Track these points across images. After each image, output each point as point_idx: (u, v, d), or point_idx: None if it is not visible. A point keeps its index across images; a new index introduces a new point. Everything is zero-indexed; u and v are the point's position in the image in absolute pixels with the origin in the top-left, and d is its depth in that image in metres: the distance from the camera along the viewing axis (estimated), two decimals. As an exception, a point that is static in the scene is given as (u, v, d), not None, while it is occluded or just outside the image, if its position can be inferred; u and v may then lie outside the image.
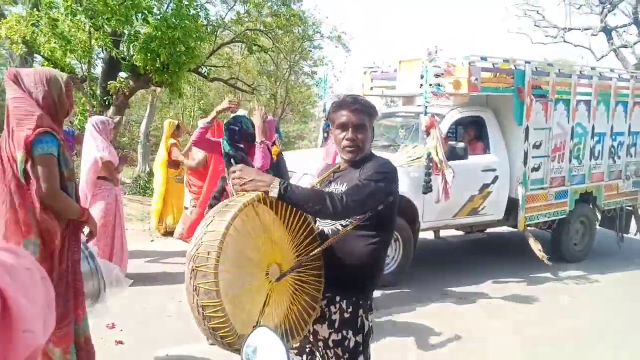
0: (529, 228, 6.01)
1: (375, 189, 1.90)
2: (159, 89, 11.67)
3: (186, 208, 5.95)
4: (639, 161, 7.17)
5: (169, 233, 6.67)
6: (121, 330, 3.92)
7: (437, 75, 5.18)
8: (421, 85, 5.30)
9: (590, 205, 6.75)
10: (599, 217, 7.05)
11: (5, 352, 0.82)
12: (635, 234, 7.22)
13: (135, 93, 10.68)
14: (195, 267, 1.60)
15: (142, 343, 3.75)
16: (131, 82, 9.18)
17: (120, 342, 3.72)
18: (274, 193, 1.76)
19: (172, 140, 6.63)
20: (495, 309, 4.88)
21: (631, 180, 7.06)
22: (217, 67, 13.71)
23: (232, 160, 3.67)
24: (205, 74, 11.95)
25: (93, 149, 4.60)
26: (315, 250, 1.93)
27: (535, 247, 5.75)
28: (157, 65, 8.47)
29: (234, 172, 1.83)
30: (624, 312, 4.90)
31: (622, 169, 6.94)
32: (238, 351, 1.65)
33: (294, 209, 1.88)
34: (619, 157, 6.90)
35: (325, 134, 6.24)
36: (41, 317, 0.90)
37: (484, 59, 5.63)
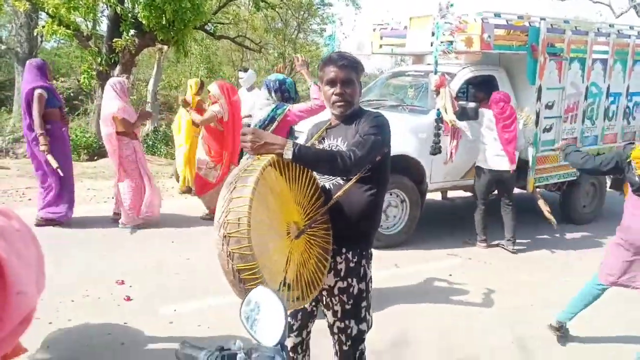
0: (537, 190, 5.96)
1: (376, 142, 1.98)
2: (165, 47, 11.52)
3: (199, 169, 5.91)
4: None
5: (189, 190, 6.75)
6: (130, 286, 4.01)
7: (448, 33, 5.02)
8: (432, 43, 5.15)
9: (602, 167, 6.66)
10: (610, 179, 6.97)
11: (0, 314, 0.82)
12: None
13: (142, 51, 10.55)
14: (227, 233, 1.63)
15: (150, 299, 3.83)
16: (137, 40, 9.04)
17: (129, 299, 3.81)
18: (288, 155, 1.80)
19: (198, 98, 6.58)
20: (503, 269, 4.91)
21: (645, 142, 6.92)
22: (223, 24, 13.45)
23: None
24: (212, 31, 11.74)
25: (108, 108, 5.22)
26: (329, 204, 2.01)
27: (544, 208, 5.70)
28: (163, 23, 8.31)
29: (245, 134, 1.83)
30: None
31: (636, 130, 6.80)
32: None
33: (300, 167, 1.93)
34: (633, 118, 6.75)
35: None
36: (34, 278, 0.89)
37: (497, 15, 5.43)
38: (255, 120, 3.71)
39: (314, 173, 2.06)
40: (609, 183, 6.98)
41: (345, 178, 2.04)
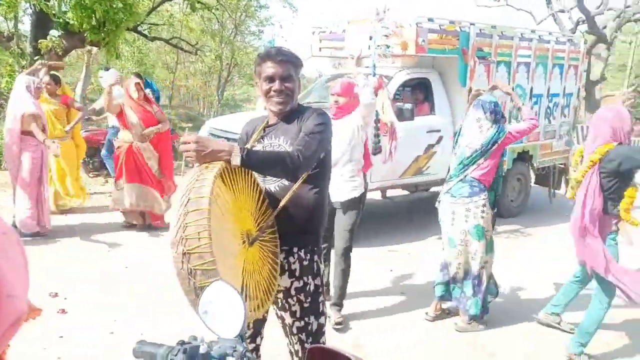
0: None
1: (321, 140, 1.97)
2: (94, 49, 11.04)
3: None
4: (571, 121, 7.58)
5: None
6: (65, 298, 3.82)
7: (385, 36, 5.19)
8: (369, 46, 5.30)
9: (526, 164, 7.10)
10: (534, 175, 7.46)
11: None
12: (565, 192, 7.69)
13: (70, 53, 10.04)
14: (187, 250, 1.53)
15: (87, 310, 3.66)
16: (64, 41, 8.59)
17: (64, 311, 3.62)
18: (236, 161, 1.74)
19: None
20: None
21: (564, 140, 7.46)
22: (157, 25, 13.07)
23: None
24: (145, 32, 11.38)
25: (16, 106, 4.99)
26: (278, 207, 1.98)
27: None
28: (93, 23, 7.97)
29: (187, 142, 1.74)
30: (554, 259, 5.26)
31: (556, 129, 7.31)
32: None
33: (244, 172, 1.88)
34: (554, 118, 7.25)
35: None
36: (22, 281, 0.87)
37: (431, 20, 5.68)
38: (472, 143, 3.60)
39: (256, 176, 2.00)
40: (533, 179, 7.47)
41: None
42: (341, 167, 3.58)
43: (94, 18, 7.85)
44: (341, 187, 3.59)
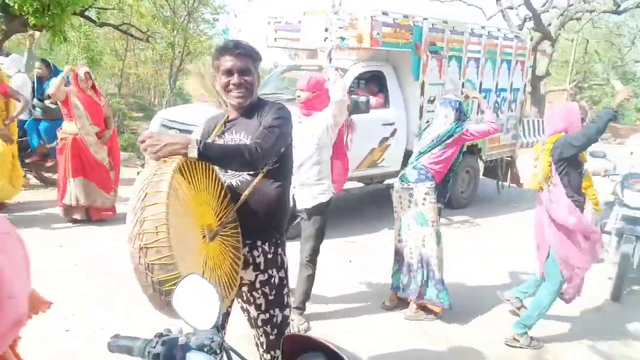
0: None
1: (280, 134, 1.96)
2: (37, 33, 10.49)
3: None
4: (517, 115, 7.94)
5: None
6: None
7: (340, 29, 5.24)
8: (325, 38, 5.34)
9: (475, 157, 7.39)
10: (482, 167, 7.77)
11: None
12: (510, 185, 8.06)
13: (10, 37, 9.50)
14: (144, 245, 1.51)
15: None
16: (4, 25, 8.11)
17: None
18: (193, 154, 1.72)
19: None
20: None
21: (510, 133, 7.80)
22: (106, 9, 12.56)
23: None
24: (95, 17, 10.92)
25: None
26: (240, 201, 1.98)
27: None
28: (36, 6, 7.56)
29: (143, 140, 1.73)
30: (502, 248, 5.54)
31: (503, 123, 7.63)
32: None
33: (203, 167, 1.88)
34: (501, 112, 7.57)
35: None
36: (23, 282, 0.86)
37: (385, 14, 5.78)
38: (432, 135, 3.84)
39: (218, 172, 2.00)
40: (482, 171, 7.79)
41: (252, 173, 2.00)
42: (307, 170, 3.37)
43: (37, 0, 7.44)
44: (307, 193, 3.39)
